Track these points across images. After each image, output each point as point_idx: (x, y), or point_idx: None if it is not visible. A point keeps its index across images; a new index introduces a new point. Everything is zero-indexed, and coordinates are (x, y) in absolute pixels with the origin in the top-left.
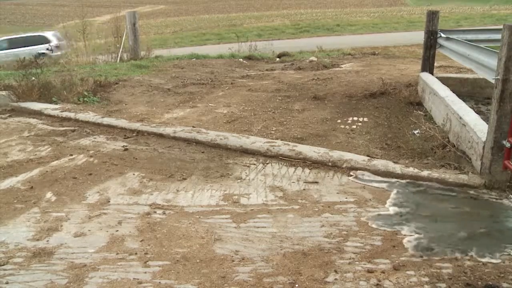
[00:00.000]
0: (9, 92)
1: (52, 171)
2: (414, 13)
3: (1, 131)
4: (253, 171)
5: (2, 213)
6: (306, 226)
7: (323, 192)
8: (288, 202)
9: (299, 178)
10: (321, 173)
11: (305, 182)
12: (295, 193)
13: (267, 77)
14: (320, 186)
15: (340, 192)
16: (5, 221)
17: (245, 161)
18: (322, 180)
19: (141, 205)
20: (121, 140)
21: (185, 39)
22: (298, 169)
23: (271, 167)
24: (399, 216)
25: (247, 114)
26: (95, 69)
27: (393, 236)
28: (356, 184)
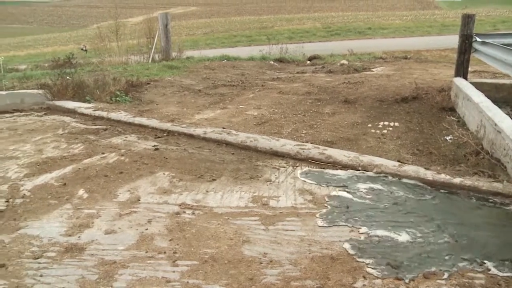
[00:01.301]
0: (45, 91)
1: (85, 168)
2: (448, 17)
3: (37, 129)
4: (282, 174)
5: (37, 208)
6: (335, 230)
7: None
8: (317, 206)
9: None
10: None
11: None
12: (324, 197)
13: (297, 80)
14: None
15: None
16: (39, 216)
17: (275, 163)
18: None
19: (170, 205)
20: (152, 140)
21: (216, 41)
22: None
23: (300, 170)
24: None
25: (277, 116)
26: (127, 69)
27: None
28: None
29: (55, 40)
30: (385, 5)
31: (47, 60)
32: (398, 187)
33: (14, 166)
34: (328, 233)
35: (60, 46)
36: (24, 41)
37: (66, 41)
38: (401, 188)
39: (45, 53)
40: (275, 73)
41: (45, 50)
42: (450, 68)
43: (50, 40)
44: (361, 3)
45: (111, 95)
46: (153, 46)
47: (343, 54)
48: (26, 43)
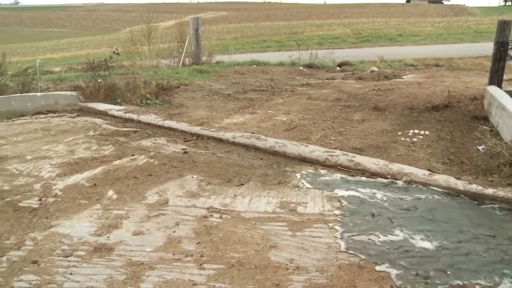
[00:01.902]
0: (78, 93)
1: (114, 170)
2: (482, 23)
3: (69, 130)
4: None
5: (68, 207)
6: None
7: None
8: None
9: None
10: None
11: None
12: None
13: (327, 86)
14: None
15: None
16: (70, 215)
17: (303, 169)
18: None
19: (198, 208)
20: (181, 143)
21: (246, 46)
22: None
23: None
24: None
25: (306, 122)
26: (157, 72)
27: None
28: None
29: (88, 43)
30: (417, 12)
31: (80, 63)
32: (427, 196)
33: (47, 166)
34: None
35: (93, 49)
36: (59, 44)
37: (98, 44)
38: (430, 197)
39: (79, 56)
40: (305, 78)
41: (79, 53)
42: (483, 76)
43: (83, 43)
44: (392, 9)
45: (141, 98)
46: (183, 50)
47: (373, 61)
48: (61, 46)
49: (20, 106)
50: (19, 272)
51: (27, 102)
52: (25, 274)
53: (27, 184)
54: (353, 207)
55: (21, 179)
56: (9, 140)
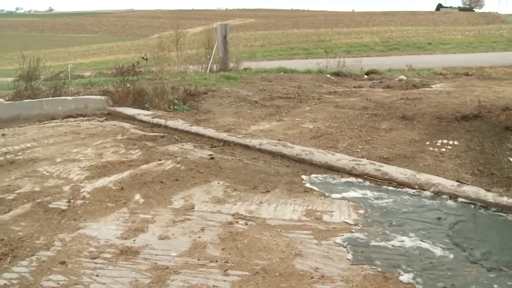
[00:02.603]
0: (107, 97)
1: (141, 174)
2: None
3: (98, 133)
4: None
5: (95, 210)
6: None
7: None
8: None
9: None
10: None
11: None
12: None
13: (354, 94)
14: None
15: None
16: (97, 218)
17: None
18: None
19: (224, 214)
20: (208, 149)
21: (273, 53)
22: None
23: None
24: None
25: (333, 130)
26: (185, 78)
27: None
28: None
29: (118, 49)
30: (447, 20)
31: (110, 68)
32: (455, 208)
33: (76, 169)
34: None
35: (122, 54)
36: (90, 50)
37: (128, 49)
38: (458, 209)
39: (108, 61)
40: (332, 86)
41: (108, 58)
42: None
43: (113, 48)
44: (421, 17)
45: (169, 104)
46: (211, 56)
47: (401, 69)
48: (91, 51)
49: (51, 110)
50: (47, 272)
51: (58, 106)
52: (54, 274)
53: (56, 186)
54: (379, 216)
55: (51, 181)
56: (40, 143)
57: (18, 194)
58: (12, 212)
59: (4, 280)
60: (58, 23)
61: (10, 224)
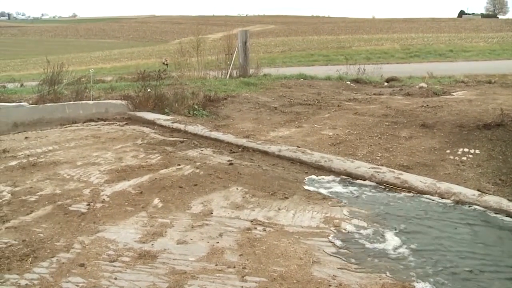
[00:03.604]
0: (127, 102)
1: (161, 178)
2: None
3: (118, 137)
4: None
5: (115, 213)
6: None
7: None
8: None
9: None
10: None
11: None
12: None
13: (374, 102)
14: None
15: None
16: (116, 221)
17: None
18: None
19: (242, 220)
20: (227, 155)
21: (293, 59)
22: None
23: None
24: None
25: (352, 137)
26: (205, 84)
27: None
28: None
29: (139, 54)
30: (469, 27)
31: (131, 73)
32: (475, 217)
33: (96, 172)
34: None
35: (143, 59)
36: (111, 55)
37: (148, 55)
38: (478, 218)
39: (129, 66)
40: (352, 93)
41: (129, 63)
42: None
43: (134, 53)
44: (442, 24)
45: (189, 109)
46: (231, 62)
47: (422, 77)
48: (112, 56)
49: (73, 113)
50: (67, 274)
51: (80, 110)
52: (73, 276)
53: (77, 189)
54: (398, 225)
55: (72, 184)
56: (62, 146)
57: (39, 196)
58: (33, 214)
59: (25, 280)
60: (81, 28)
61: (31, 225)
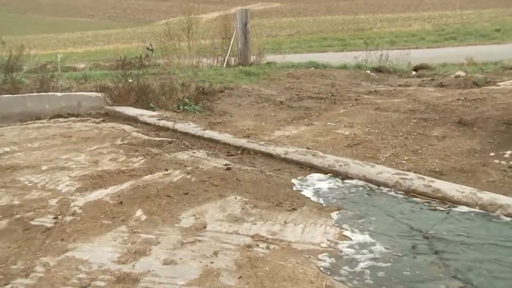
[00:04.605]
0: (104, 94)
1: (144, 186)
2: None
3: (93, 137)
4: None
5: (88, 228)
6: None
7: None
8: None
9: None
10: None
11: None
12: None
13: (399, 94)
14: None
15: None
16: (90, 238)
17: None
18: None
19: (241, 235)
20: (224, 158)
21: (302, 44)
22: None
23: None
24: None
25: (373, 137)
26: (198, 73)
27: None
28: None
29: (118, 37)
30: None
31: (108, 59)
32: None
33: (66, 178)
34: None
35: (123, 43)
36: (84, 37)
37: (129, 38)
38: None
39: (106, 51)
40: (372, 85)
41: (106, 47)
42: None
43: (111, 36)
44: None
45: (178, 103)
46: (228, 48)
47: (459, 64)
48: (85, 38)
49: (36, 108)
50: None
51: (45, 103)
52: None
53: (41, 199)
54: (426, 243)
55: (35, 193)
56: (22, 147)
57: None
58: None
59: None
60: (45, 3)
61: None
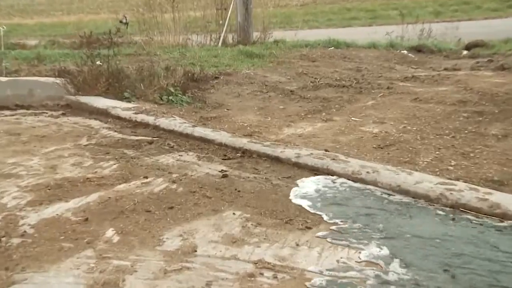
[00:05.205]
0: (65, 80)
1: (117, 198)
2: None
3: (50, 135)
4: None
5: (42, 253)
6: None
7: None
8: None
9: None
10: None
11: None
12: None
13: (445, 81)
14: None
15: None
16: (45, 265)
17: None
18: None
19: (241, 261)
20: (219, 162)
21: (319, 17)
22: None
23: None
24: None
25: (410, 137)
26: (186, 54)
27: None
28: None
29: (81, 5)
30: None
31: (69, 35)
32: None
33: (13, 189)
34: None
35: (88, 14)
36: (35, 4)
37: (96, 7)
38: None
39: (66, 24)
40: (410, 69)
41: (66, 19)
42: None
43: (72, 4)
44: None
45: (161, 92)
46: (225, 22)
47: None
48: (36, 6)
49: None
50: None
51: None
52: None
53: None
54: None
55: None
56: None
57: None
58: None
59: None
60: None
61: None
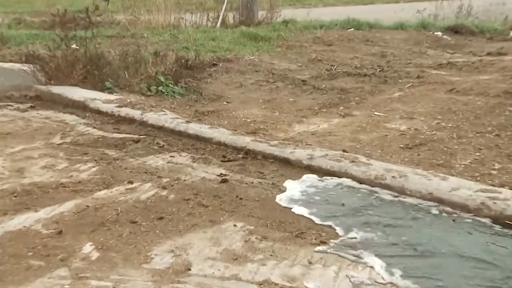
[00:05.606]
0: (34, 67)
1: (97, 207)
2: None
3: (16, 132)
4: None
5: (7, 272)
6: None
7: None
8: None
9: None
10: None
11: None
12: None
13: (488, 68)
14: None
15: None
16: (9, 287)
17: None
18: None
19: (244, 282)
20: (217, 164)
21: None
22: None
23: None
24: None
25: (444, 135)
26: (178, 37)
27: None
28: None
29: None
30: None
31: (39, 13)
32: None
33: None
34: None
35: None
36: None
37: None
38: None
39: (34, 0)
40: (445, 54)
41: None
42: None
43: None
44: None
45: (149, 82)
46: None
47: None
48: None
49: None
50: None
51: None
52: None
53: None
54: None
55: None
56: None
57: None
58: None
59: None
60: None
61: None
